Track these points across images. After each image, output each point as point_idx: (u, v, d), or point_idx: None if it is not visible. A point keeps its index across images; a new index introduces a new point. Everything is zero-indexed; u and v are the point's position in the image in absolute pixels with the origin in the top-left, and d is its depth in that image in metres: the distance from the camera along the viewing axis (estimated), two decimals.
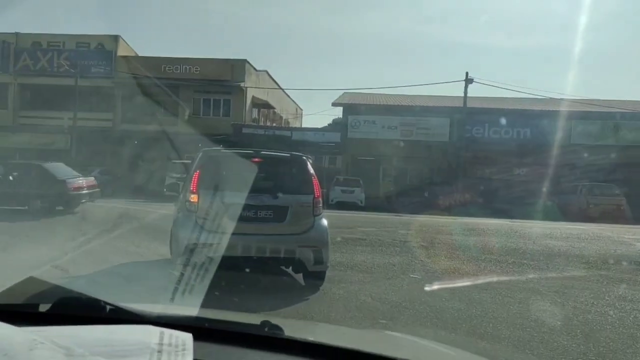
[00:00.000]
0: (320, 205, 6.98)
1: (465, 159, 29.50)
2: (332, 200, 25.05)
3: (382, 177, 31.51)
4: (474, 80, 29.36)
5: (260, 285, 6.66)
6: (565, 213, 23.90)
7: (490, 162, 29.97)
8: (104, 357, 1.05)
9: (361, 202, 25.76)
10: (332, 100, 32.80)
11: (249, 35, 78.88)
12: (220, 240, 6.15)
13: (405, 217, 18.90)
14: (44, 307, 1.48)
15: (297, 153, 7.33)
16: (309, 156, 7.38)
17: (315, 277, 6.89)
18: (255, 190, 6.48)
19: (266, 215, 6.66)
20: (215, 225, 6.30)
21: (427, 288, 7.06)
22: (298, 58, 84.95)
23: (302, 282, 7.04)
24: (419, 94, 34.35)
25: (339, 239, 11.17)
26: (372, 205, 25.18)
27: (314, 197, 6.87)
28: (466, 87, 29.46)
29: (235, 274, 6.35)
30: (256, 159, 6.87)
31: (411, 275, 7.93)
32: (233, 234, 6.22)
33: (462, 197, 26.96)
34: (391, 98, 34.13)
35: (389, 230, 13.91)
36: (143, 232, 11.88)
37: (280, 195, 6.72)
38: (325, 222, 7.01)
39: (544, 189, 27.13)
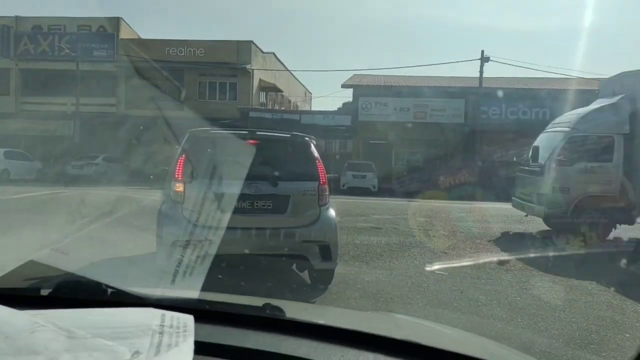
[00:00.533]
0: (327, 193, 5.94)
1: (481, 142, 28.24)
2: (343, 186, 24.04)
3: (394, 161, 30.37)
4: (490, 58, 28.04)
5: (260, 286, 5.65)
6: None
7: (508, 145, 28.65)
8: (106, 339, 1.04)
9: (374, 188, 24.69)
10: (341, 83, 31.64)
11: (254, 19, 77.36)
12: (210, 236, 5.16)
13: (421, 203, 17.80)
14: (45, 291, 1.46)
15: (298, 133, 6.27)
16: (312, 137, 6.31)
17: (323, 276, 5.91)
18: (250, 177, 5.46)
19: (264, 206, 5.64)
20: (205, 218, 5.29)
21: (457, 288, 6.00)
22: (306, 42, 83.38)
23: (308, 280, 6.09)
24: (433, 76, 33.08)
25: (351, 228, 10.15)
26: (384, 190, 24.16)
27: (319, 184, 5.83)
28: (482, 65, 28.15)
29: (229, 274, 5.37)
30: (251, 141, 5.83)
31: (437, 272, 6.87)
32: (225, 228, 5.24)
33: (480, 182, 25.85)
34: (403, 80, 32.85)
35: (405, 218, 12.83)
36: (144, 216, 11.02)
37: (280, 182, 5.70)
38: (332, 212, 5.98)
39: None
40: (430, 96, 29.62)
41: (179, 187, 5.54)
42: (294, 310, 1.51)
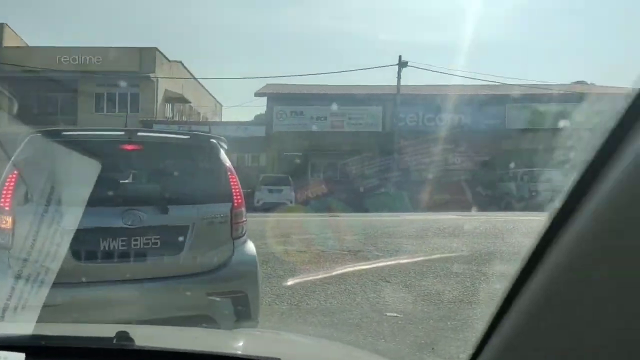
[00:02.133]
0: (244, 219, 4.17)
1: (399, 150, 27.50)
2: (258, 202, 22.32)
3: (311, 173, 29.00)
4: (408, 63, 27.36)
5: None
6: (506, 202, 22.53)
7: (424, 152, 28.09)
8: None
9: (291, 202, 23.20)
10: (255, 92, 29.83)
11: (159, 28, 73.29)
12: (59, 299, 3.28)
13: (344, 217, 16.42)
14: None
15: (202, 133, 4.51)
16: (222, 138, 4.52)
17: None
18: (127, 201, 3.65)
19: (147, 244, 3.73)
20: (49, 271, 3.38)
21: (417, 337, 4.48)
22: (215, 52, 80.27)
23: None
24: (349, 84, 32.14)
25: (270, 255, 8.41)
26: (302, 204, 22.74)
27: (233, 207, 4.01)
28: (399, 71, 27.44)
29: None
30: (130, 146, 3.99)
31: (387, 314, 5.30)
32: (85, 284, 3.41)
33: (398, 191, 25.18)
34: (319, 88, 31.57)
35: (332, 236, 11.25)
36: None
37: (172, 207, 3.84)
38: (252, 247, 4.19)
39: (481, 178, 25.88)
40: (347, 104, 28.56)
41: (6, 221, 3.59)
42: (149, 335, 1.36)
